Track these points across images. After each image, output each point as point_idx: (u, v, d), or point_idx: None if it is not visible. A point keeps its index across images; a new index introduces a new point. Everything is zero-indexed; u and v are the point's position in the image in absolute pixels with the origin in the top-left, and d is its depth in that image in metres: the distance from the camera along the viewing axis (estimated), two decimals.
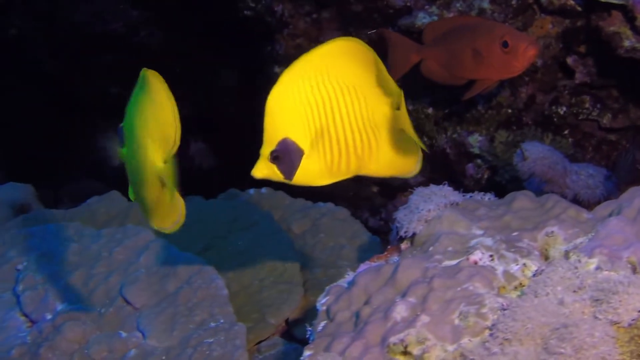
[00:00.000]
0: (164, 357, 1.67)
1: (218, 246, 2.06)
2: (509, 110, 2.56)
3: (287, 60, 2.90)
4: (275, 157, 1.25)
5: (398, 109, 1.36)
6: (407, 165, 1.42)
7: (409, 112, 2.68)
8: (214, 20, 3.55)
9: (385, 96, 1.32)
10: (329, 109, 1.25)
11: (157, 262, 1.89)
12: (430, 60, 2.22)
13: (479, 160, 2.61)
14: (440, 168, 2.75)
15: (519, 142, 2.52)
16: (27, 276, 1.90)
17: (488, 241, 1.43)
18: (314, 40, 2.86)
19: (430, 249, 1.48)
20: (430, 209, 1.56)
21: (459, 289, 1.30)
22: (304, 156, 1.25)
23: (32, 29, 3.79)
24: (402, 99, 1.36)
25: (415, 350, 1.23)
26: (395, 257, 1.59)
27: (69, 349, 1.72)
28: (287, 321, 1.92)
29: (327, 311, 1.47)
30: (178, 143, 1.25)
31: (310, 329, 1.46)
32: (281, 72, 3.19)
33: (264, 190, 2.34)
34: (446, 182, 1.67)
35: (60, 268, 1.91)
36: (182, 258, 1.87)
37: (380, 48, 2.68)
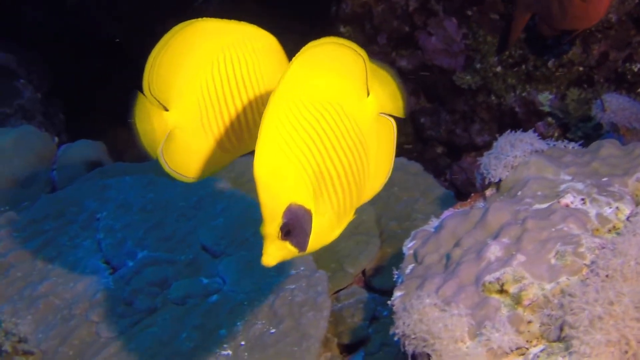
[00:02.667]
0: (245, 303, 1.68)
1: None
2: (581, 68, 2.52)
3: (353, 19, 2.89)
4: (286, 233, 1.02)
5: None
6: (389, 159, 1.16)
7: (476, 71, 2.68)
8: None
9: (360, 87, 1.09)
10: (320, 144, 1.02)
11: (235, 211, 1.90)
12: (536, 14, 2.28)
13: (549, 119, 2.57)
14: (509, 127, 2.72)
15: (592, 99, 2.48)
16: (107, 225, 1.93)
17: (579, 185, 1.41)
18: None
19: (519, 193, 1.46)
20: (517, 155, 1.55)
21: (553, 229, 1.29)
22: (313, 216, 1.02)
23: None
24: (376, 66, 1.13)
25: (512, 289, 1.23)
26: (480, 203, 1.58)
27: (152, 293, 1.74)
28: (363, 272, 1.93)
29: (415, 254, 1.47)
30: None
31: (397, 272, 1.46)
32: (347, 32, 3.16)
33: None
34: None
35: (138, 217, 1.94)
36: (259, 207, 1.88)
37: None
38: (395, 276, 1.45)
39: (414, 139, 3.07)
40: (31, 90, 3.36)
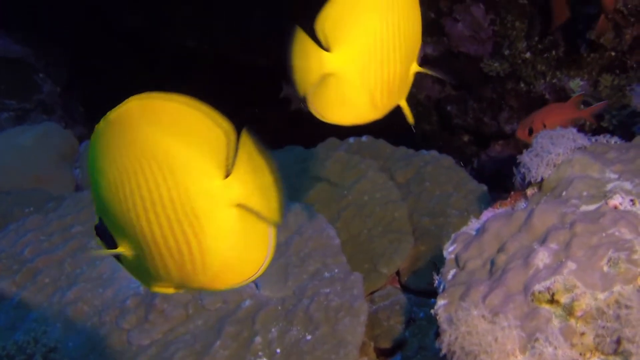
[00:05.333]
0: (279, 307, 1.64)
1: (325, 196, 2.02)
2: (613, 53, 2.45)
3: None
4: (97, 233, 0.99)
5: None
6: (253, 262, 0.95)
7: (504, 58, 2.61)
8: None
9: (209, 163, 0.91)
10: (130, 200, 0.92)
11: None
12: None
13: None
14: None
15: (625, 86, 2.42)
16: None
17: (627, 185, 1.36)
18: None
19: (564, 193, 1.41)
20: (560, 153, 1.50)
21: (604, 234, 1.24)
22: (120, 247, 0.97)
23: None
24: (248, 144, 0.92)
25: (564, 299, 1.18)
26: (522, 203, 1.53)
27: (184, 299, 1.70)
28: (397, 271, 1.88)
29: (456, 259, 1.41)
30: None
31: (438, 277, 1.41)
32: None
33: (364, 138, 2.28)
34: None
35: None
36: (291, 207, 1.83)
37: None
38: (436, 282, 1.41)
39: (440, 127, 3.02)
40: (50, 84, 3.33)
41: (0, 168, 2.33)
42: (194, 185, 0.91)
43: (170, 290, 0.99)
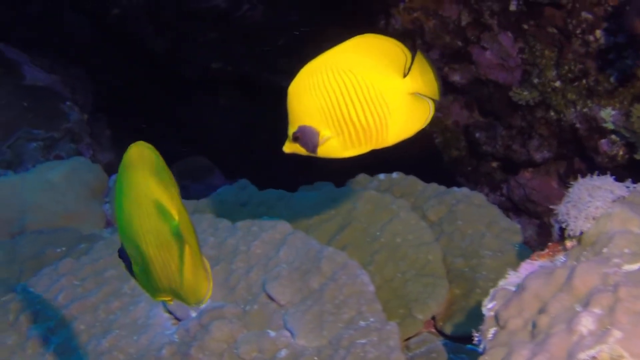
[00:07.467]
0: (315, 358, 1.63)
1: (357, 238, 2.01)
2: None
3: (403, 35, 2.82)
4: (295, 138, 1.42)
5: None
6: (421, 120, 1.45)
7: (534, 87, 2.59)
8: None
9: (391, 74, 1.38)
10: (340, 97, 1.37)
11: (298, 257, 1.84)
12: None
13: (613, 136, 2.48)
14: (569, 143, 2.64)
15: None
16: None
17: None
18: (432, 14, 2.76)
19: (605, 250, 1.39)
20: (598, 206, 1.48)
21: None
22: (322, 135, 1.40)
23: (135, 7, 3.79)
24: (423, 60, 1.41)
25: None
26: (561, 257, 1.51)
27: (219, 349, 1.70)
28: (432, 316, 1.87)
29: (496, 317, 1.40)
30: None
31: (478, 335, 1.39)
32: None
33: (395, 175, 2.27)
34: (577, 158, 1.59)
35: None
36: (323, 252, 1.82)
37: None
38: (476, 339, 1.39)
39: (468, 153, 3.00)
40: (77, 112, 3.34)
41: (31, 206, 2.34)
42: (383, 83, 1.37)
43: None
